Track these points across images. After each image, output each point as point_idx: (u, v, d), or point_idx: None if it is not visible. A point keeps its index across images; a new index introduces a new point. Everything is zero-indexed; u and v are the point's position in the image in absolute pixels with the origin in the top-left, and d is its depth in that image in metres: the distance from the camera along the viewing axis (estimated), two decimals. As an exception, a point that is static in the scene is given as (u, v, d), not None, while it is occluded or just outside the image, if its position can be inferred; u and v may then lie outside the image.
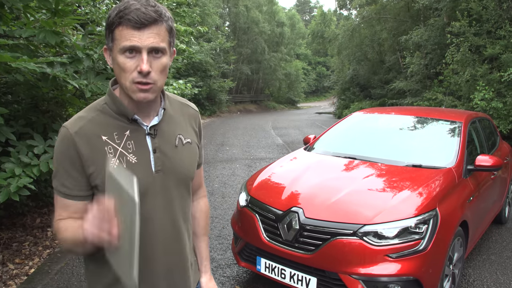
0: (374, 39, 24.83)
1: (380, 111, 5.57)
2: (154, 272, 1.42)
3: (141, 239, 1.18)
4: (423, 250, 3.00)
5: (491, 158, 4.01)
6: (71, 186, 1.32)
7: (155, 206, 1.39)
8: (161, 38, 1.28)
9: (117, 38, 1.26)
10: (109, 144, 1.33)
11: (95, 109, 1.37)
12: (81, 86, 4.20)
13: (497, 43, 12.09)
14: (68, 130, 1.31)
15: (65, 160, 1.31)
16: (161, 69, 1.30)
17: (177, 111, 1.52)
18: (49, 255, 4.58)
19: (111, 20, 1.27)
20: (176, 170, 1.44)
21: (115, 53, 1.27)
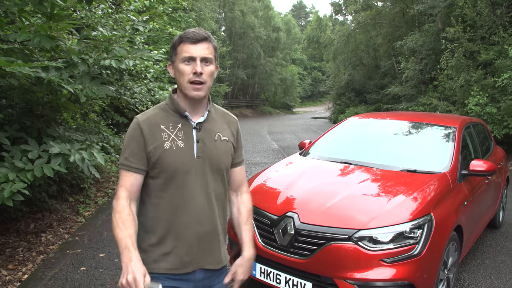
0: (370, 44, 24.93)
1: (375, 116, 5.59)
2: (187, 238, 1.81)
3: (180, 208, 1.79)
4: (418, 254, 3.00)
5: (485, 163, 4.03)
6: (134, 160, 1.78)
7: (193, 184, 1.81)
8: (210, 51, 1.78)
9: (179, 52, 1.77)
10: (165, 131, 1.80)
11: (158, 108, 1.88)
12: (76, 91, 4.19)
13: (491, 49, 12.17)
14: (138, 119, 1.82)
15: (133, 141, 1.79)
16: (210, 73, 1.79)
17: (220, 117, 1.98)
18: (43, 260, 4.55)
19: (175, 41, 1.79)
20: (212, 158, 1.86)
21: (177, 63, 1.77)
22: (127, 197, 1.79)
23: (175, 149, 1.78)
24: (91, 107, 7.15)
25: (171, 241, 1.80)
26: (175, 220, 1.80)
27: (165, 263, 1.81)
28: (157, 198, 1.82)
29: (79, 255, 4.68)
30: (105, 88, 4.52)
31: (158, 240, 1.81)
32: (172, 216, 1.80)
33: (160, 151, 1.77)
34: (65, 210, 5.95)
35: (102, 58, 4.53)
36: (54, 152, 3.95)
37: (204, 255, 1.86)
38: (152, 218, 1.82)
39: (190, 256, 1.83)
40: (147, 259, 1.78)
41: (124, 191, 1.79)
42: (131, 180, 1.80)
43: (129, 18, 5.68)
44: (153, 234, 1.81)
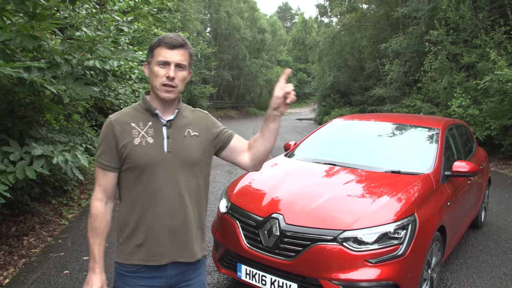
0: (354, 46, 25.13)
1: (360, 117, 5.63)
2: (159, 230, 1.89)
3: (150, 201, 1.87)
4: (402, 255, 3.03)
5: (467, 164, 4.08)
6: (106, 158, 1.88)
7: (163, 177, 1.88)
8: (185, 58, 1.88)
9: (156, 55, 1.85)
10: (135, 129, 1.89)
11: (131, 107, 1.98)
12: (59, 92, 4.13)
13: (473, 51, 12.36)
14: (110, 119, 1.91)
15: (105, 139, 1.88)
16: (182, 78, 1.89)
17: (189, 113, 2.06)
18: (24, 264, 4.47)
19: (154, 44, 1.87)
20: (183, 153, 1.93)
21: (153, 65, 1.86)
22: (103, 197, 1.92)
23: (144, 145, 1.87)
24: (74, 108, 7.07)
25: (142, 233, 1.89)
26: (146, 213, 1.89)
27: (139, 255, 1.90)
28: (130, 192, 1.91)
29: (62, 258, 4.62)
30: (88, 89, 4.47)
31: (131, 232, 1.90)
32: (143, 209, 1.88)
33: (130, 147, 1.86)
34: (48, 212, 5.86)
35: (86, 59, 4.48)
36: (37, 154, 3.89)
37: (176, 248, 1.92)
38: (127, 211, 1.91)
39: (160, 248, 1.90)
40: (124, 251, 1.92)
41: (100, 191, 1.91)
42: (106, 178, 1.90)
43: (114, 19, 5.63)
44: (128, 227, 1.91)
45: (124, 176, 1.91)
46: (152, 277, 1.91)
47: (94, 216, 1.88)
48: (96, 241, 1.87)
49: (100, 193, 1.90)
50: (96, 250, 1.87)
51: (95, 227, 1.87)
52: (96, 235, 1.87)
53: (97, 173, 1.91)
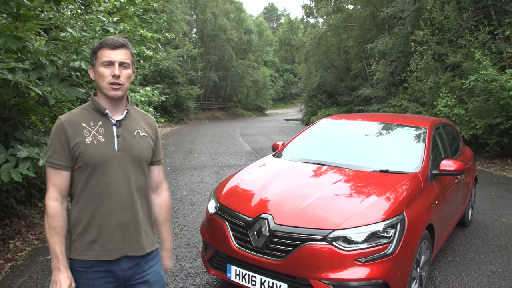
0: (341, 47, 25.23)
1: (347, 117, 5.64)
2: (110, 224, 1.97)
3: (102, 197, 1.95)
4: (391, 253, 3.04)
5: (455, 163, 4.11)
6: (58, 158, 1.93)
7: (115, 174, 1.97)
8: (127, 57, 1.98)
9: (99, 57, 1.96)
10: (86, 128, 1.96)
11: (81, 108, 2.04)
12: (44, 93, 4.08)
13: (458, 51, 12.49)
14: (61, 119, 1.96)
15: (56, 139, 1.93)
16: (127, 76, 2.00)
17: (139, 117, 2.16)
18: (11, 268, 4.40)
19: (96, 47, 1.97)
20: (133, 151, 2.04)
21: (97, 66, 1.96)
22: (58, 197, 1.95)
23: (96, 143, 1.95)
24: (60, 110, 6.98)
25: (95, 230, 1.96)
26: (99, 209, 1.96)
27: (92, 250, 1.96)
28: (82, 190, 1.97)
29: (49, 261, 4.52)
30: (74, 90, 4.42)
31: (83, 229, 1.97)
32: (95, 205, 1.96)
33: (82, 146, 1.93)
34: (34, 215, 5.79)
35: (71, 60, 4.43)
36: (22, 156, 3.83)
37: (126, 242, 2.01)
38: (79, 209, 1.98)
39: (112, 243, 1.98)
40: (78, 247, 1.98)
41: (55, 191, 1.94)
42: (60, 178, 1.95)
43: (99, 19, 5.58)
44: (80, 224, 1.97)
45: (76, 175, 1.97)
46: (107, 271, 1.99)
47: (52, 216, 1.91)
48: (56, 240, 1.90)
49: (54, 192, 1.94)
50: (58, 249, 1.90)
51: (54, 226, 1.91)
52: (55, 234, 1.91)
53: (49, 174, 1.95)
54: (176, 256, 4.70)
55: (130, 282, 2.06)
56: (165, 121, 25.06)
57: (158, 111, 20.09)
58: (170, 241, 2.36)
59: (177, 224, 5.82)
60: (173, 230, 5.55)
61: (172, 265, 2.35)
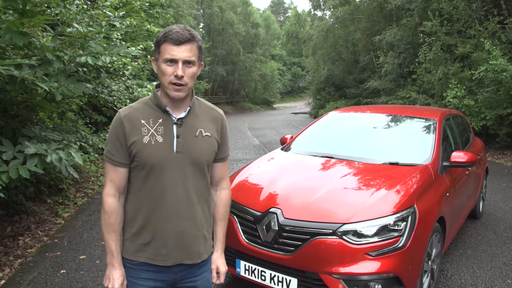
0: (348, 39, 25.07)
1: (356, 110, 5.58)
2: (165, 230, 1.86)
3: (158, 202, 1.84)
4: (402, 247, 2.99)
5: (465, 154, 4.05)
6: (116, 154, 1.84)
7: (172, 178, 1.84)
8: (193, 53, 1.78)
9: (162, 51, 1.78)
10: (145, 126, 1.84)
11: (142, 102, 1.91)
12: (51, 89, 4.07)
13: (468, 42, 12.35)
14: (120, 114, 1.86)
15: (114, 134, 1.84)
16: (191, 75, 1.81)
17: (204, 112, 1.98)
18: (20, 265, 4.41)
19: (159, 39, 1.79)
20: (193, 153, 1.88)
21: (160, 62, 1.79)
22: (115, 193, 1.88)
23: (153, 144, 1.82)
24: (68, 106, 6.99)
25: (149, 233, 1.86)
26: (154, 213, 1.85)
27: (145, 253, 1.88)
28: (138, 190, 1.87)
29: (58, 257, 4.56)
30: (81, 86, 4.41)
31: (138, 230, 1.88)
32: (151, 209, 1.85)
33: (139, 145, 1.81)
34: (43, 212, 5.80)
35: (78, 55, 4.42)
36: (30, 153, 3.83)
37: (182, 250, 1.90)
38: (135, 209, 1.88)
39: (166, 249, 1.87)
40: (130, 248, 1.90)
41: (112, 187, 1.87)
42: (117, 174, 1.86)
43: (105, 14, 5.56)
44: (135, 224, 1.88)
45: (133, 174, 1.88)
46: (157, 271, 1.90)
47: (109, 213, 1.85)
48: (112, 237, 1.85)
49: (112, 188, 1.87)
50: (113, 246, 1.86)
51: (111, 223, 1.85)
52: (112, 231, 1.85)
53: (107, 169, 1.88)
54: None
55: (178, 284, 1.96)
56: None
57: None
58: (223, 242, 2.16)
59: (186, 219, 5.81)
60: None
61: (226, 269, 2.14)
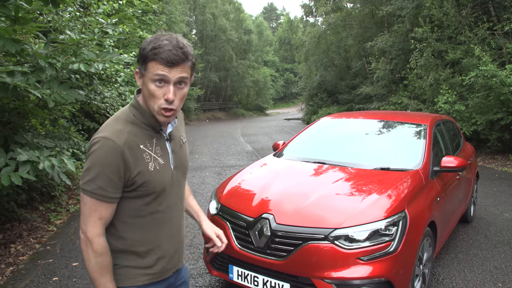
0: (340, 45, 25.19)
1: (348, 115, 5.63)
2: (170, 248, 1.79)
3: (167, 222, 1.75)
4: (393, 251, 3.02)
5: (456, 159, 4.10)
6: (112, 190, 1.57)
7: (174, 196, 1.77)
8: (185, 72, 1.57)
9: (150, 70, 1.53)
10: (146, 151, 1.64)
11: (127, 122, 1.64)
12: (44, 96, 4.08)
13: (458, 48, 12.47)
14: (116, 142, 1.55)
15: (110, 167, 1.54)
16: (182, 97, 1.62)
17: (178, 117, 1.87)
18: (12, 272, 4.40)
19: (146, 54, 1.53)
20: (183, 164, 1.84)
21: (147, 80, 1.55)
22: (104, 231, 1.63)
23: (158, 169, 1.67)
24: (60, 113, 6.99)
25: (154, 255, 1.74)
26: (159, 235, 1.74)
27: (148, 275, 1.74)
28: (137, 217, 1.67)
29: (51, 265, 4.55)
30: (74, 93, 4.42)
31: (141, 257, 1.71)
32: (155, 232, 1.72)
33: (146, 175, 1.62)
34: (35, 219, 5.78)
35: (70, 62, 4.43)
36: (22, 160, 3.83)
37: (178, 258, 1.88)
38: (133, 237, 1.69)
39: (171, 264, 1.82)
40: (129, 275, 1.71)
41: (102, 226, 1.61)
42: (109, 210, 1.61)
43: (98, 21, 5.57)
44: (135, 252, 1.70)
45: (131, 202, 1.65)
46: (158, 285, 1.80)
47: (104, 254, 1.60)
48: (108, 278, 1.62)
49: (101, 227, 1.60)
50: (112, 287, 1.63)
51: (106, 264, 1.61)
52: (107, 272, 1.62)
53: (95, 207, 1.58)
54: (178, 257, 4.69)
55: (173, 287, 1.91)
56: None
57: (159, 113, 20.05)
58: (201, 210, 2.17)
59: (179, 225, 5.81)
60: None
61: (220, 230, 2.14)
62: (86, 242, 1.59)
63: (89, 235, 1.58)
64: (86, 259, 1.60)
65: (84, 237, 1.59)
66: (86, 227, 1.58)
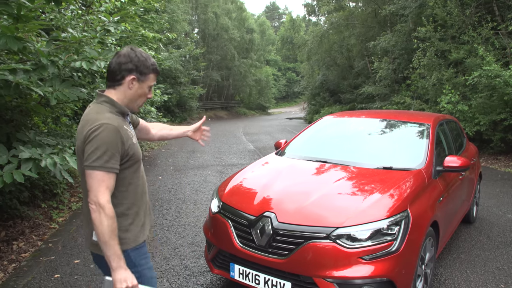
0: (343, 44, 25.16)
1: (350, 114, 5.61)
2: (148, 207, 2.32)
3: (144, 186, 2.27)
4: (395, 251, 3.01)
5: (459, 159, 4.08)
6: (115, 163, 2.00)
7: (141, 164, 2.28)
8: None
9: (149, 79, 2.17)
10: (128, 130, 2.12)
11: (109, 112, 2.07)
12: (46, 94, 4.08)
13: (461, 47, 12.41)
14: (114, 125, 2.01)
15: (113, 144, 1.98)
16: None
17: None
18: (14, 269, 4.40)
19: (150, 67, 2.15)
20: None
21: (144, 85, 2.16)
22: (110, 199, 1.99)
23: (135, 142, 2.17)
24: (63, 111, 6.99)
25: (143, 214, 2.23)
26: (143, 195, 2.25)
27: (143, 233, 2.22)
28: (130, 184, 2.14)
29: (53, 262, 4.55)
30: (76, 90, 4.41)
31: (135, 217, 2.17)
32: (141, 193, 2.22)
33: (133, 146, 2.13)
34: (37, 216, 5.79)
35: (72, 60, 4.43)
36: (25, 157, 3.83)
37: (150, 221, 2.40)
38: (130, 200, 2.15)
39: (151, 222, 2.37)
40: (131, 236, 2.14)
41: (109, 194, 1.98)
42: (112, 181, 2.01)
43: (100, 19, 5.57)
44: (131, 214, 2.15)
45: (126, 172, 2.11)
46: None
47: (113, 218, 1.96)
48: (116, 241, 1.95)
49: (109, 195, 1.98)
50: (118, 250, 1.96)
51: (114, 227, 1.96)
52: (115, 236, 1.96)
53: (104, 178, 1.96)
54: (180, 256, 4.69)
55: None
56: (167, 121, 25.04)
57: (161, 111, 20.08)
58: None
59: (181, 224, 5.81)
60: (176, 230, 5.54)
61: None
62: (98, 210, 1.92)
63: (101, 202, 1.93)
64: (99, 224, 1.92)
65: (96, 206, 1.93)
66: (98, 197, 1.93)
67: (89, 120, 2.01)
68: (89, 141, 1.95)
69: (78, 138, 2.05)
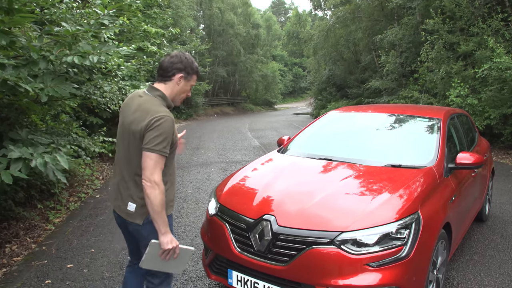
0: (349, 39, 24.86)
1: (356, 109, 5.37)
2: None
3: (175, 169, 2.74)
4: (405, 257, 2.78)
5: (472, 156, 3.83)
6: (168, 148, 2.44)
7: None
8: None
9: (192, 79, 2.67)
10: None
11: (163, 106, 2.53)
12: (35, 90, 3.88)
13: (470, 40, 12.11)
14: (171, 117, 2.45)
15: (171, 134, 2.43)
16: None
17: None
18: (4, 274, 4.21)
19: (195, 69, 2.65)
20: None
21: (188, 83, 2.66)
22: None
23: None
24: (61, 108, 6.80)
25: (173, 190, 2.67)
26: (174, 175, 2.69)
27: (171, 207, 2.64)
28: (169, 167, 2.56)
29: (45, 266, 4.36)
30: (68, 87, 4.22)
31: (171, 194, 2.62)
32: (173, 174, 2.67)
33: (176, 137, 2.55)
34: (33, 217, 5.61)
35: (64, 55, 4.22)
36: (14, 157, 3.64)
37: None
38: (170, 180, 2.61)
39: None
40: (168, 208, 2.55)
41: (161, 173, 2.41)
42: (163, 163, 2.44)
43: (95, 12, 5.35)
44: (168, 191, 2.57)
45: (168, 159, 2.49)
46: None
47: (163, 192, 2.40)
48: (165, 212, 2.42)
49: (161, 175, 2.41)
50: (166, 218, 2.43)
51: (165, 201, 2.42)
52: (164, 207, 2.41)
53: (160, 161, 2.40)
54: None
55: None
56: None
57: (166, 108, 19.89)
58: None
59: (181, 224, 5.60)
60: (176, 231, 5.32)
61: None
62: (154, 186, 2.35)
63: (157, 180, 2.36)
64: (154, 198, 2.34)
65: (151, 184, 2.35)
66: (153, 176, 2.36)
67: (150, 111, 2.42)
68: (152, 128, 2.37)
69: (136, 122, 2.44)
